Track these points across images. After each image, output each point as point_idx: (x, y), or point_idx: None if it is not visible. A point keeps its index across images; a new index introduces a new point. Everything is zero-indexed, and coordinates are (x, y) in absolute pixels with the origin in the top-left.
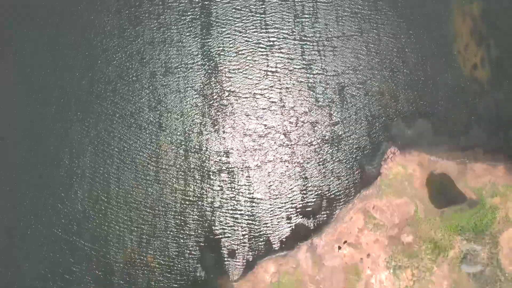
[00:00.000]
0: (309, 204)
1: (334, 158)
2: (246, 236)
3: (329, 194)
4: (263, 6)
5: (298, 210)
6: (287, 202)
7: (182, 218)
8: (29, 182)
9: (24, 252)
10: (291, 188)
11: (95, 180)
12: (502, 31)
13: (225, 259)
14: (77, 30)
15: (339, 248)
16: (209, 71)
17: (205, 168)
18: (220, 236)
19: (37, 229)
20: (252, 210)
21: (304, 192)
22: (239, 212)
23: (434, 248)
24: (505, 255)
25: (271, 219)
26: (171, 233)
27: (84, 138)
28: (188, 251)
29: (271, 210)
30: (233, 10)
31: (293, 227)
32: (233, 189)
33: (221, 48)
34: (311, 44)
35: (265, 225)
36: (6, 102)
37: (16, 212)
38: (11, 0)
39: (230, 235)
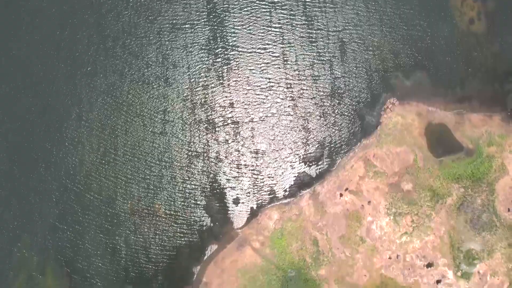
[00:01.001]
0: (312, 154)
1: (335, 110)
2: (250, 185)
3: (331, 144)
4: None
5: (300, 160)
6: (290, 153)
7: (188, 169)
8: (38, 134)
9: (33, 203)
10: (294, 140)
11: (104, 133)
12: None
13: (230, 207)
14: None
15: (341, 195)
16: (214, 27)
17: (211, 121)
18: (225, 186)
19: (46, 180)
20: (256, 161)
21: (307, 142)
22: (243, 163)
23: (433, 195)
24: (501, 201)
25: (275, 169)
26: (178, 184)
27: (93, 92)
28: (194, 201)
29: (275, 161)
30: None
31: (296, 176)
32: (237, 141)
33: (226, 5)
34: (312, 0)
35: (268, 175)
36: (20, 56)
37: (26, 163)
38: None
39: (235, 185)
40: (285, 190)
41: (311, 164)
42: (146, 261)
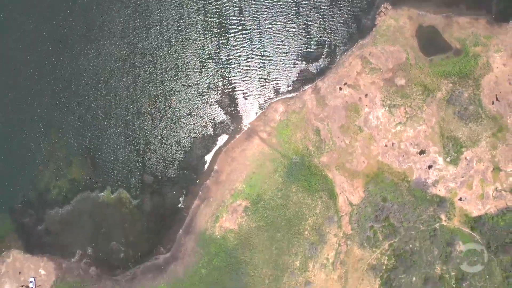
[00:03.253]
0: (313, 53)
1: (334, 15)
2: (258, 82)
3: (330, 44)
4: None
5: (303, 59)
6: (294, 54)
7: (201, 72)
8: (66, 42)
9: (60, 103)
10: (298, 43)
11: (124, 41)
12: None
13: (240, 102)
14: None
15: (340, 89)
16: None
17: (222, 27)
18: (235, 84)
19: (71, 83)
20: (264, 62)
21: (309, 44)
22: (252, 65)
23: (424, 90)
24: (486, 95)
25: (280, 68)
26: (192, 84)
27: (114, 3)
28: (206, 98)
29: (280, 61)
30: None
31: (299, 73)
32: (246, 46)
33: None
34: None
35: (274, 73)
36: None
37: (54, 68)
38: None
39: (244, 83)
40: (289, 86)
41: (312, 62)
42: (162, 153)
